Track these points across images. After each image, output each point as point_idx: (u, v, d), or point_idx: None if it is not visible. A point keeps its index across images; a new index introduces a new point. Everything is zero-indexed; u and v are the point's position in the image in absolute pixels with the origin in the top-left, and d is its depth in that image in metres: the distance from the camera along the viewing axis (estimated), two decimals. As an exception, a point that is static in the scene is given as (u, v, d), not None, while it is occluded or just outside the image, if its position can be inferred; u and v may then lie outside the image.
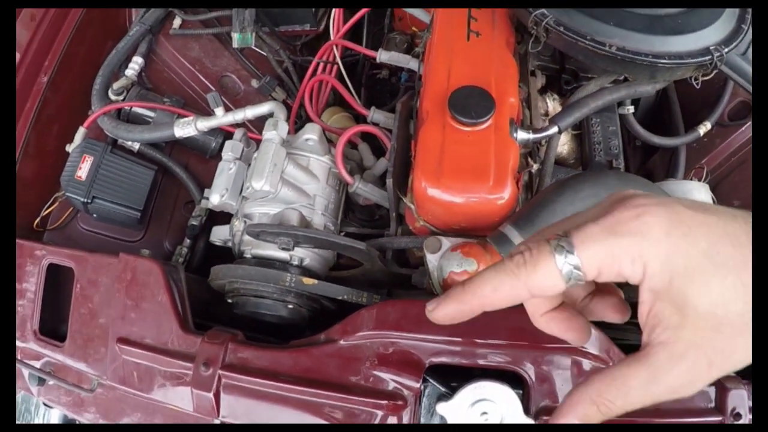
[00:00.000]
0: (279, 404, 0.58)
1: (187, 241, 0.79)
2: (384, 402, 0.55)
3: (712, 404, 0.58)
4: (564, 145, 0.79)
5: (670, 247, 0.28)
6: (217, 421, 0.63)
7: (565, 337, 0.36)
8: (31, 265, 0.75)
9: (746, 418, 0.57)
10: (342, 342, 0.57)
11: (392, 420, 0.55)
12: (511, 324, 0.55)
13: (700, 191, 0.70)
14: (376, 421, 0.55)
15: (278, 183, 0.63)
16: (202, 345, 0.60)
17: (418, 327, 0.54)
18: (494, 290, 0.32)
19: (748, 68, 0.74)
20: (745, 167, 0.89)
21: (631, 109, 0.82)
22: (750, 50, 0.73)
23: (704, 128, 0.87)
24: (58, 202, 0.83)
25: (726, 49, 0.68)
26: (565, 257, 0.29)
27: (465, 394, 0.53)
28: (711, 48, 0.67)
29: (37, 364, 0.76)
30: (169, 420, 0.69)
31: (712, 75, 0.74)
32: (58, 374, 0.76)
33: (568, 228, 0.30)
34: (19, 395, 0.87)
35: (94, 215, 0.83)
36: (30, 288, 0.75)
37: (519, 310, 0.60)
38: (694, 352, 0.28)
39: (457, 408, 0.53)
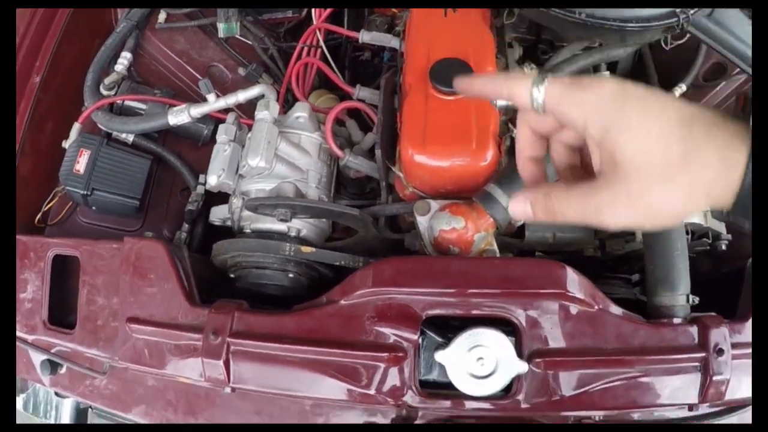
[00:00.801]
0: (286, 366, 0.62)
1: (186, 226, 0.83)
2: (385, 354, 0.59)
3: (696, 341, 0.64)
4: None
5: (610, 106, 0.37)
6: (228, 390, 0.68)
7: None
8: (37, 258, 0.79)
9: (728, 354, 0.63)
10: (342, 302, 0.62)
11: (393, 371, 0.60)
12: (500, 274, 0.60)
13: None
14: (379, 373, 0.60)
15: (273, 159, 0.68)
16: (209, 316, 0.65)
17: (413, 281, 0.59)
18: (490, 83, 0.45)
19: (716, 29, 0.79)
20: (720, 126, 0.94)
21: (607, 74, 0.87)
22: (715, 12, 0.78)
23: (679, 90, 0.92)
24: (58, 197, 0.87)
25: (691, 12, 0.73)
26: (537, 88, 0.39)
27: (461, 341, 0.58)
28: (677, 11, 0.72)
29: (51, 351, 0.81)
30: (181, 395, 0.74)
31: (685, 39, 0.79)
32: (71, 360, 0.80)
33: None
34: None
35: (94, 208, 0.88)
36: (37, 281, 0.79)
37: (507, 261, 0.66)
38: (618, 185, 0.37)
39: (454, 355, 0.58)
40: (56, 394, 0.89)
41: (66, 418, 0.87)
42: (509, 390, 0.60)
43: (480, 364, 0.58)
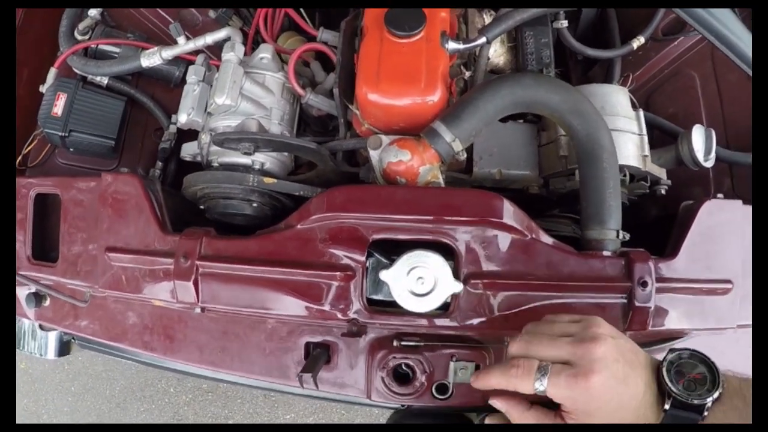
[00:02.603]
0: (249, 285, 0.74)
1: (159, 164, 0.93)
2: (337, 273, 0.71)
3: (622, 273, 0.74)
4: (500, 56, 0.93)
5: (592, 403, 0.56)
6: (198, 310, 0.79)
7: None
8: (20, 197, 0.89)
9: (652, 287, 0.72)
10: (299, 226, 0.72)
11: (344, 289, 0.71)
12: (441, 202, 0.70)
13: (617, 93, 0.85)
14: (332, 290, 0.71)
15: (238, 97, 0.77)
16: (180, 242, 0.76)
17: (361, 207, 0.70)
18: (497, 382, 0.60)
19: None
20: (678, 78, 1.04)
21: (565, 23, 0.95)
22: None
23: (638, 42, 1.00)
24: (37, 140, 0.97)
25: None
26: (540, 383, 0.56)
27: (402, 262, 0.69)
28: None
29: (33, 288, 0.92)
30: (157, 319, 0.85)
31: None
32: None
33: (549, 359, 0.57)
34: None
35: (71, 149, 0.97)
36: (21, 219, 0.89)
37: (448, 190, 0.75)
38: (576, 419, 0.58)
39: (397, 274, 0.69)
40: (41, 327, 1.01)
41: (51, 351, 0.99)
42: (447, 309, 0.71)
43: (420, 283, 0.69)
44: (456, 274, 0.71)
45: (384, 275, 0.70)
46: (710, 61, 1.01)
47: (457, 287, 0.69)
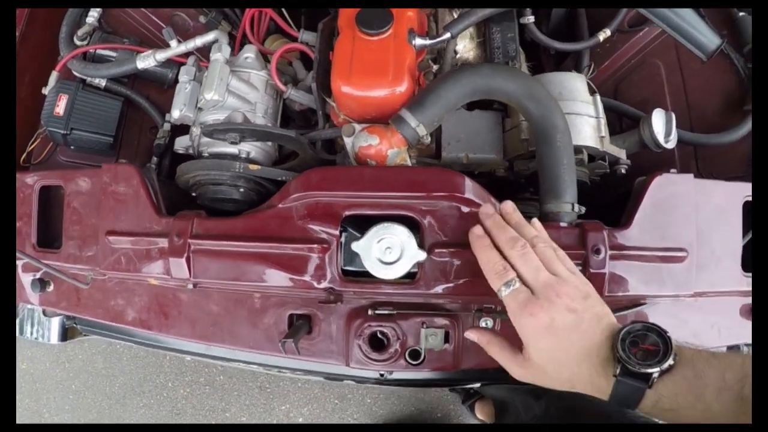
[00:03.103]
0: (237, 259, 0.89)
1: (155, 159, 1.09)
2: (314, 246, 0.86)
3: (576, 242, 0.89)
4: (470, 51, 1.09)
5: (539, 334, 0.71)
6: (190, 286, 0.95)
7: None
8: (26, 190, 1.06)
9: (605, 254, 0.86)
10: (280, 206, 0.88)
11: (321, 260, 0.86)
12: (406, 179, 0.85)
13: (574, 80, 1.00)
14: (310, 262, 0.86)
15: (225, 93, 0.94)
16: (173, 223, 0.91)
17: (334, 186, 0.85)
18: (481, 266, 0.77)
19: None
20: (643, 67, 1.18)
21: (531, 18, 1.11)
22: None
23: (603, 34, 1.15)
24: (40, 138, 1.14)
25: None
26: (503, 290, 0.73)
27: (371, 233, 0.84)
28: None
29: (38, 275, 1.08)
30: (153, 298, 1.00)
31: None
32: (57, 281, 1.08)
33: (523, 277, 0.74)
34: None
35: (72, 147, 1.14)
36: (26, 211, 1.06)
37: (413, 169, 0.91)
38: (527, 368, 0.74)
39: (366, 244, 0.84)
40: (44, 313, 1.18)
41: (54, 337, 1.15)
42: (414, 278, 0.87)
43: (387, 252, 0.84)
44: (421, 245, 0.85)
45: (355, 246, 0.85)
46: (674, 51, 1.16)
47: (422, 255, 0.84)
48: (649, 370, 0.64)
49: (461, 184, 0.85)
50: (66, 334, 1.16)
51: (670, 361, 0.65)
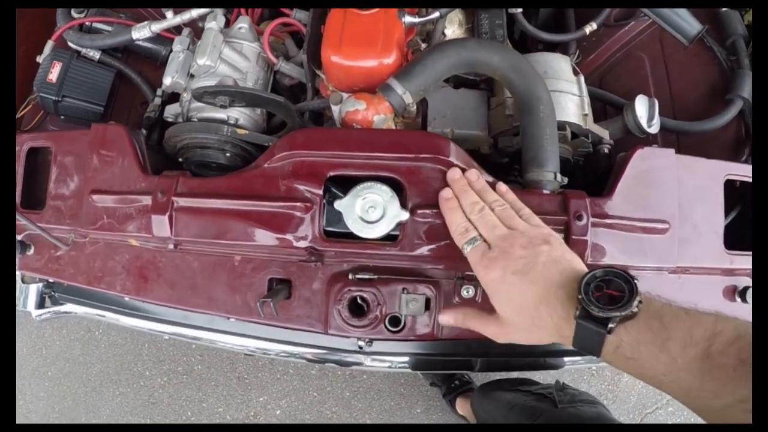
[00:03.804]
0: (219, 217, 0.91)
1: (144, 132, 1.12)
2: (297, 204, 0.88)
3: (560, 208, 0.91)
4: (458, 36, 1.15)
5: (498, 286, 0.75)
6: (171, 246, 0.97)
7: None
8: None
9: (587, 220, 0.89)
10: (265, 165, 0.91)
11: (303, 219, 0.88)
12: (391, 141, 0.89)
13: (559, 60, 1.04)
14: (292, 221, 0.89)
15: (217, 60, 0.98)
16: (158, 180, 0.94)
17: (320, 145, 0.88)
18: (449, 229, 0.83)
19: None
20: (628, 60, 1.24)
21: (519, 9, 1.17)
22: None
23: (590, 27, 1.21)
24: (32, 105, 1.17)
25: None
26: (466, 247, 0.80)
27: (354, 192, 0.87)
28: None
29: (20, 237, 1.10)
30: (132, 259, 1.01)
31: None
32: (38, 244, 1.09)
33: (483, 235, 0.79)
34: None
35: (62, 116, 1.17)
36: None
37: (398, 131, 0.94)
38: (500, 327, 0.77)
39: (349, 203, 0.87)
40: (22, 280, 1.18)
41: (31, 304, 1.15)
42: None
43: (370, 211, 0.87)
44: (404, 206, 0.88)
45: (338, 204, 0.87)
46: (659, 44, 1.22)
47: (404, 215, 0.86)
48: (609, 314, 0.64)
49: (445, 147, 0.88)
50: (43, 302, 1.16)
51: (633, 308, 0.64)
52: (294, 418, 1.83)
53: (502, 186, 0.87)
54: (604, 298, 0.66)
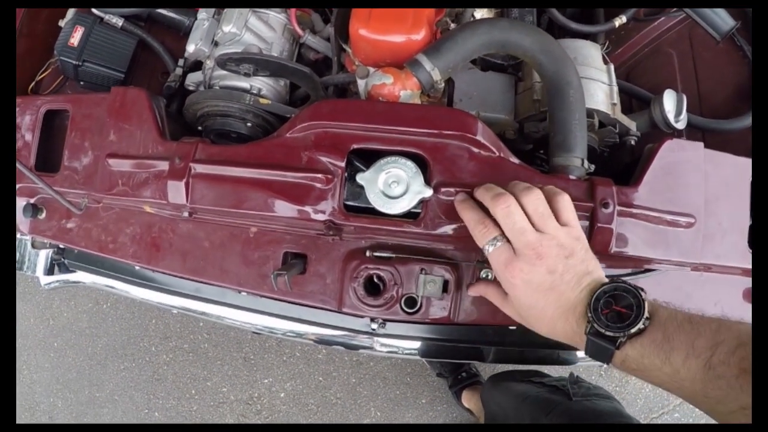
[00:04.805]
0: (237, 185, 0.87)
1: (164, 101, 1.09)
2: (318, 175, 0.85)
3: (585, 194, 0.87)
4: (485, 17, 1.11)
5: (519, 288, 0.74)
6: (186, 214, 0.93)
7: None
8: (31, 113, 1.05)
9: (614, 208, 0.85)
10: (287, 135, 0.87)
11: (324, 191, 0.85)
12: (418, 116, 0.85)
13: (590, 47, 1.01)
14: (312, 192, 0.85)
15: (243, 28, 0.95)
16: (177, 146, 0.90)
17: (345, 117, 0.84)
18: (469, 229, 0.78)
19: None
20: (656, 56, 1.20)
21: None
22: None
23: (619, 20, 1.18)
24: (51, 69, 1.14)
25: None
26: (488, 248, 0.75)
27: (378, 165, 0.83)
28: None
29: (32, 200, 1.06)
30: (145, 226, 0.98)
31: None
32: (50, 209, 1.06)
33: (508, 236, 0.75)
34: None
35: (82, 82, 1.14)
36: (28, 134, 1.05)
37: (425, 106, 0.91)
38: (515, 310, 0.77)
39: (372, 176, 0.83)
40: (32, 245, 1.15)
41: (40, 270, 1.12)
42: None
43: (393, 186, 0.83)
44: (427, 182, 0.85)
45: (360, 177, 0.83)
46: (688, 41, 1.18)
47: (428, 192, 0.83)
48: (616, 334, 0.66)
49: (473, 125, 0.85)
50: (52, 268, 1.13)
51: (640, 326, 0.66)
52: (298, 401, 1.79)
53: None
54: (613, 316, 0.67)
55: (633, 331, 0.65)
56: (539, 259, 0.71)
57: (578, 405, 1.19)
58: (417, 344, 1.07)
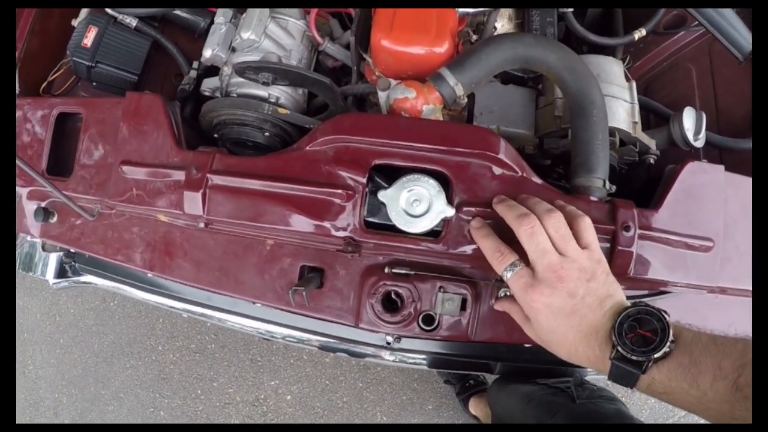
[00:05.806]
0: (255, 198, 0.84)
1: (178, 104, 1.06)
2: (339, 191, 0.82)
3: (606, 216, 0.85)
4: (508, 31, 1.08)
5: (541, 314, 0.71)
6: (201, 225, 0.90)
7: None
8: (43, 115, 1.02)
9: (635, 231, 0.83)
10: (307, 148, 0.84)
11: (344, 207, 0.82)
12: (441, 133, 0.82)
13: (612, 64, 0.98)
14: (332, 208, 0.82)
15: (262, 35, 0.91)
16: (193, 156, 0.87)
17: (366, 132, 0.81)
18: (485, 254, 0.77)
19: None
20: (674, 70, 1.18)
21: (571, 9, 1.10)
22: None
23: (639, 33, 1.15)
24: (64, 69, 1.11)
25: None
26: (507, 273, 0.73)
27: (400, 183, 0.80)
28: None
29: (43, 204, 1.03)
30: (158, 235, 0.95)
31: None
32: (61, 212, 1.03)
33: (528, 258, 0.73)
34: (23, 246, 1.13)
35: (94, 83, 1.11)
36: (40, 137, 1.02)
37: (449, 123, 0.88)
38: (536, 334, 0.75)
39: (393, 194, 0.80)
40: (43, 248, 1.12)
41: (50, 273, 1.09)
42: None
43: (415, 204, 0.80)
44: (449, 200, 0.82)
45: (382, 195, 0.81)
46: (707, 57, 1.15)
47: (450, 211, 0.80)
48: (641, 358, 0.65)
49: (497, 144, 0.82)
50: (63, 271, 1.10)
51: (666, 349, 0.64)
52: (304, 404, 1.78)
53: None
54: (638, 340, 0.66)
55: (659, 355, 0.64)
56: (560, 281, 0.70)
57: (582, 407, 1.18)
58: (424, 355, 1.05)
